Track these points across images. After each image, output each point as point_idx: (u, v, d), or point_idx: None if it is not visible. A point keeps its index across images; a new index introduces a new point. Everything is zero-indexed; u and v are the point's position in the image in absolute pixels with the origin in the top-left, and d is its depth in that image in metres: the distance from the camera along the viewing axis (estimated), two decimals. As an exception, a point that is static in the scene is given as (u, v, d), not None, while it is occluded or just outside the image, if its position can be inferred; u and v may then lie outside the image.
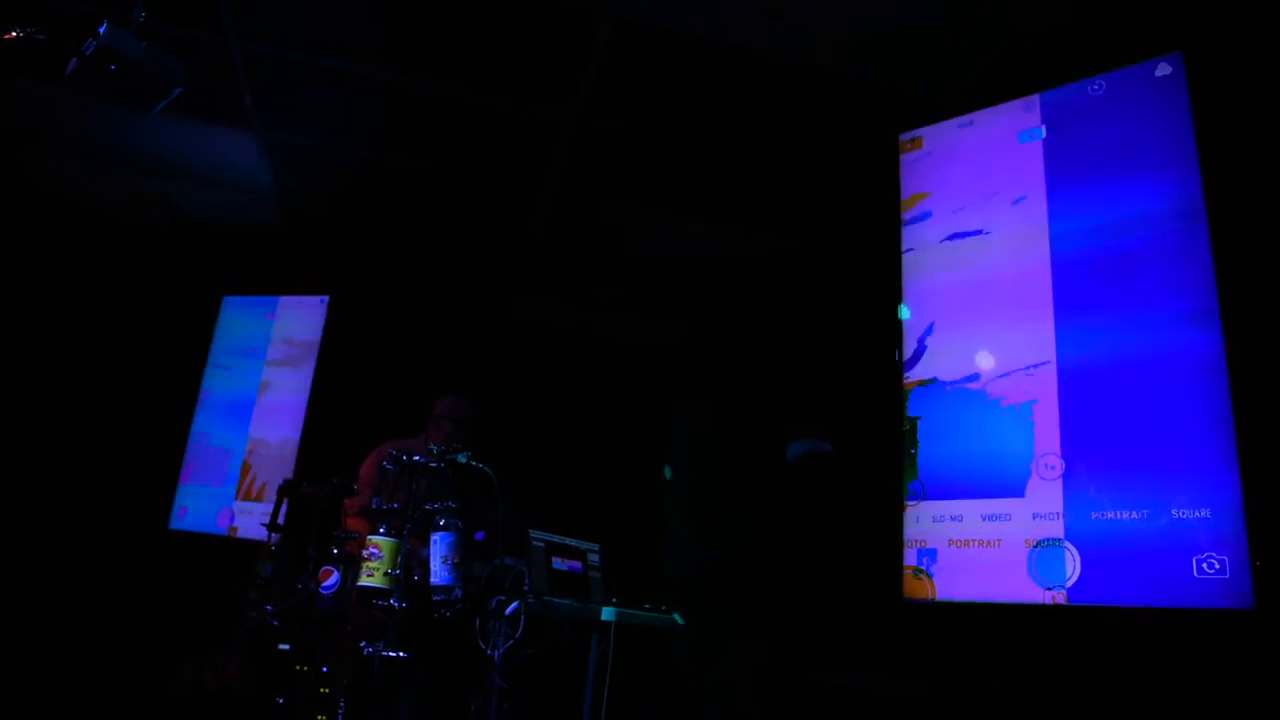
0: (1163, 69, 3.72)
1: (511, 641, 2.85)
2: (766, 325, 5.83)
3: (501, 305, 6.83)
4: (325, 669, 3.47)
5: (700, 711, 3.55)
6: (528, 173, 5.65)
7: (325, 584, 3.22)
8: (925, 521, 4.00)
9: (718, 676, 3.53)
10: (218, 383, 6.97)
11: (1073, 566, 3.48)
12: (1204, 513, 3.22)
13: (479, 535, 3.37)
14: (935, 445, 4.09)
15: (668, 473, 4.04)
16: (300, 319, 6.85)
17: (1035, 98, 4.13)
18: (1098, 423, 3.58)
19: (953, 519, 3.91)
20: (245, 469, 6.59)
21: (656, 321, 6.85)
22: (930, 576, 3.92)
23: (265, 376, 6.81)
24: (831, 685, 3.93)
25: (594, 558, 3.56)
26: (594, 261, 6.58)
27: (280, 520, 4.99)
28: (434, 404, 4.11)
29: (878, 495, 4.24)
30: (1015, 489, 3.74)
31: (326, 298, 6.81)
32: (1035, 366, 3.82)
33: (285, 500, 5.08)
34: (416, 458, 3.13)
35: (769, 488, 3.96)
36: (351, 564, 3.19)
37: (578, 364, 6.58)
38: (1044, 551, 3.58)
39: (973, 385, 4.02)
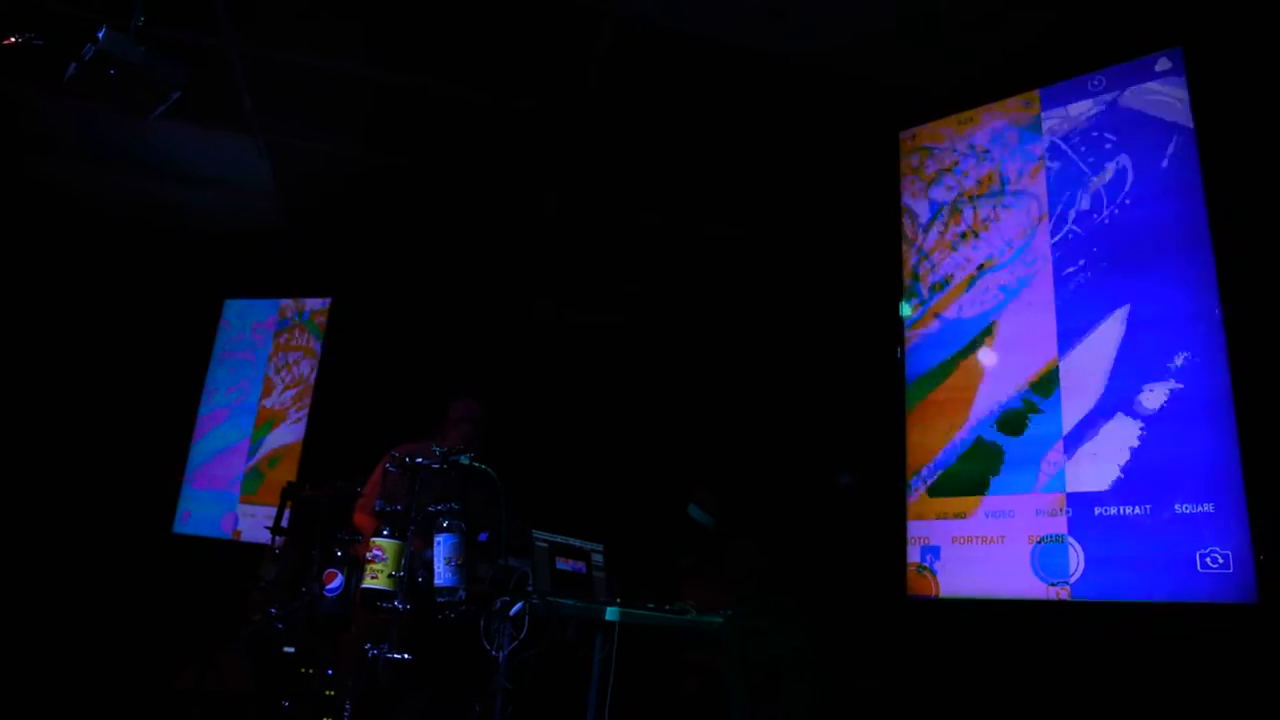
0: (1162, 64, 3.72)
1: (516, 642, 2.85)
2: (768, 322, 5.83)
3: (503, 305, 6.83)
4: (331, 671, 3.48)
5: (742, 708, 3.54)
6: (529, 172, 5.65)
7: (329, 586, 3.22)
8: (929, 517, 4.01)
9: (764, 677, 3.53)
10: (221, 386, 6.98)
11: (1076, 562, 3.48)
12: (1207, 507, 3.22)
13: (483, 536, 3.37)
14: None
15: (694, 512, 4.04)
16: (302, 321, 6.86)
17: (1036, 93, 4.13)
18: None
19: (956, 515, 3.92)
20: (248, 472, 6.60)
21: (658, 319, 6.84)
22: (934, 573, 3.92)
23: (268, 379, 6.81)
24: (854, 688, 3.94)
25: (598, 558, 3.57)
26: (597, 261, 6.58)
27: (284, 523, 5.00)
28: (450, 407, 4.08)
29: (881, 493, 4.24)
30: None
31: (329, 299, 6.81)
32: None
33: (289, 503, 5.09)
34: (420, 459, 3.13)
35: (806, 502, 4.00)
36: (355, 566, 3.19)
37: (580, 362, 6.58)
38: (1047, 548, 3.58)
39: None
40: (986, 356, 4.04)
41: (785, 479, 4.21)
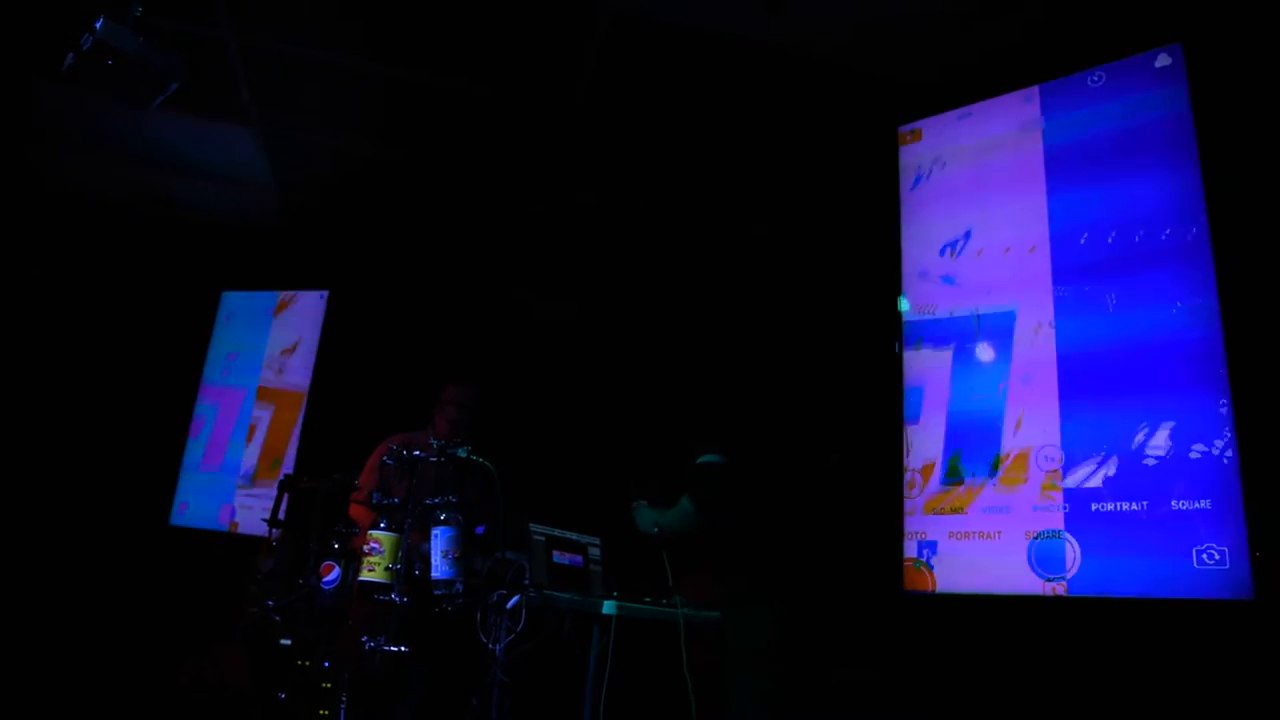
0: (1162, 60, 3.71)
1: (513, 635, 2.85)
2: (766, 316, 5.82)
3: (500, 298, 6.82)
4: (327, 664, 3.48)
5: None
6: (527, 165, 5.64)
7: (326, 579, 3.22)
8: (926, 513, 4.01)
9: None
10: (217, 378, 6.97)
11: (1073, 558, 3.49)
12: (1204, 503, 3.22)
13: (479, 529, 3.37)
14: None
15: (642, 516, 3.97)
16: (300, 313, 6.85)
17: (1034, 89, 4.12)
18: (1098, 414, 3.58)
19: (953, 510, 3.92)
20: (245, 464, 6.59)
21: (657, 312, 6.84)
22: (931, 569, 3.93)
23: (265, 371, 6.80)
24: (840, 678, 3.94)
25: (595, 551, 3.56)
26: (594, 256, 6.57)
27: (281, 515, 4.99)
28: (442, 390, 4.07)
29: (878, 488, 4.24)
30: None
31: (326, 292, 6.80)
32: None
33: (285, 495, 5.08)
34: (417, 452, 3.13)
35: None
36: (352, 559, 3.19)
37: (579, 357, 6.57)
38: (1044, 543, 3.59)
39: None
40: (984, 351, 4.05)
41: (783, 476, 4.22)
